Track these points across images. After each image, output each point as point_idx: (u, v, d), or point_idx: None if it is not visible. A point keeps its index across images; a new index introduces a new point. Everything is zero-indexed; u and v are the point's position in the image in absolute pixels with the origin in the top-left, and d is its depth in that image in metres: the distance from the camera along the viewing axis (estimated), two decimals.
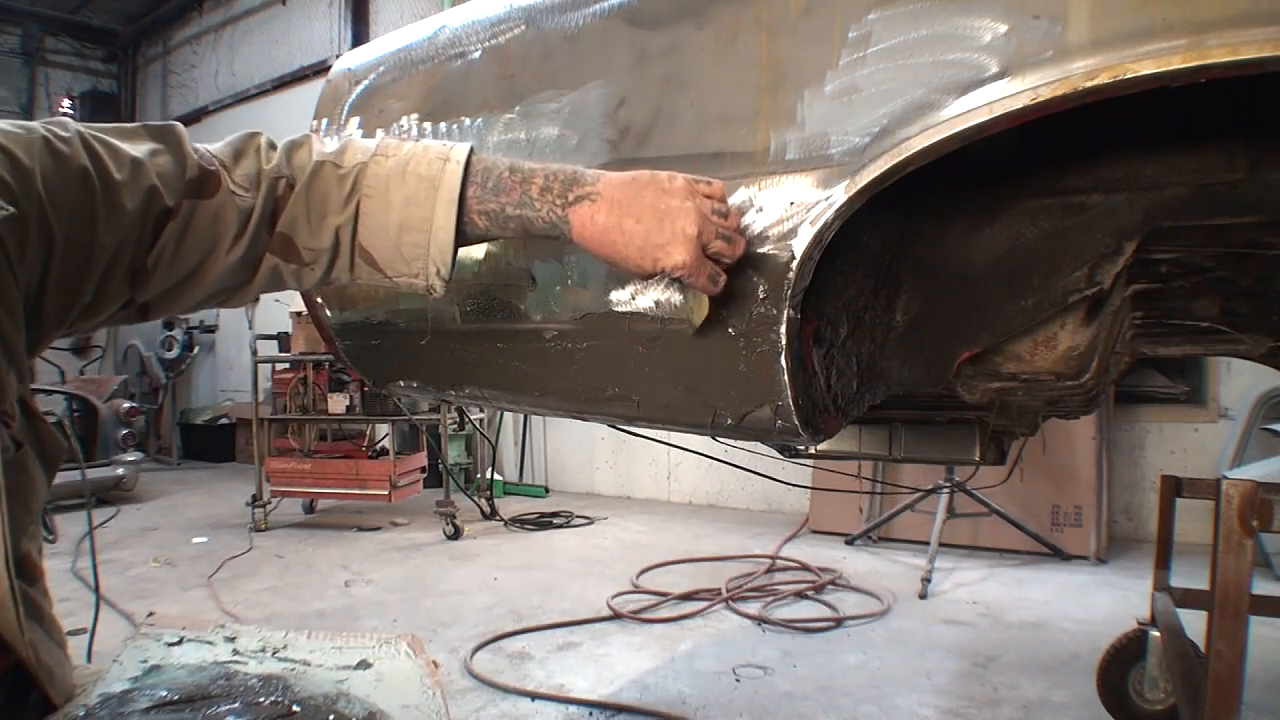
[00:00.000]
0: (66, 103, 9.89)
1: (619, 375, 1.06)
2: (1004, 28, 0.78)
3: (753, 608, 3.27)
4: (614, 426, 1.30)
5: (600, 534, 4.82)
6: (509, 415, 6.24)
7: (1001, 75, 0.77)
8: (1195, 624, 1.82)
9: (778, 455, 1.71)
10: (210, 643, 1.01)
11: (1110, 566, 3.85)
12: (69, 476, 4.08)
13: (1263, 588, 2.20)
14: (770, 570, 3.84)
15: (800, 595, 3.44)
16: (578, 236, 0.89)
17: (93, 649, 2.35)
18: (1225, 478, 1.52)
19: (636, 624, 3.13)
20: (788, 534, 4.52)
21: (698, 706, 2.38)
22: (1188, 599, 2.11)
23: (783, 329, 0.90)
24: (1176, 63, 0.67)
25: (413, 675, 0.96)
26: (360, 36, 7.62)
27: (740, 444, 1.54)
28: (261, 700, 0.87)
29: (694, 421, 1.02)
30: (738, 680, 2.57)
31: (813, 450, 1.64)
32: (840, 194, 0.86)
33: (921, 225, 1.09)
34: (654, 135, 1.01)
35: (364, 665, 0.97)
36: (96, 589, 2.50)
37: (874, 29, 0.86)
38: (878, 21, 0.86)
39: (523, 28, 1.15)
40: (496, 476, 5.79)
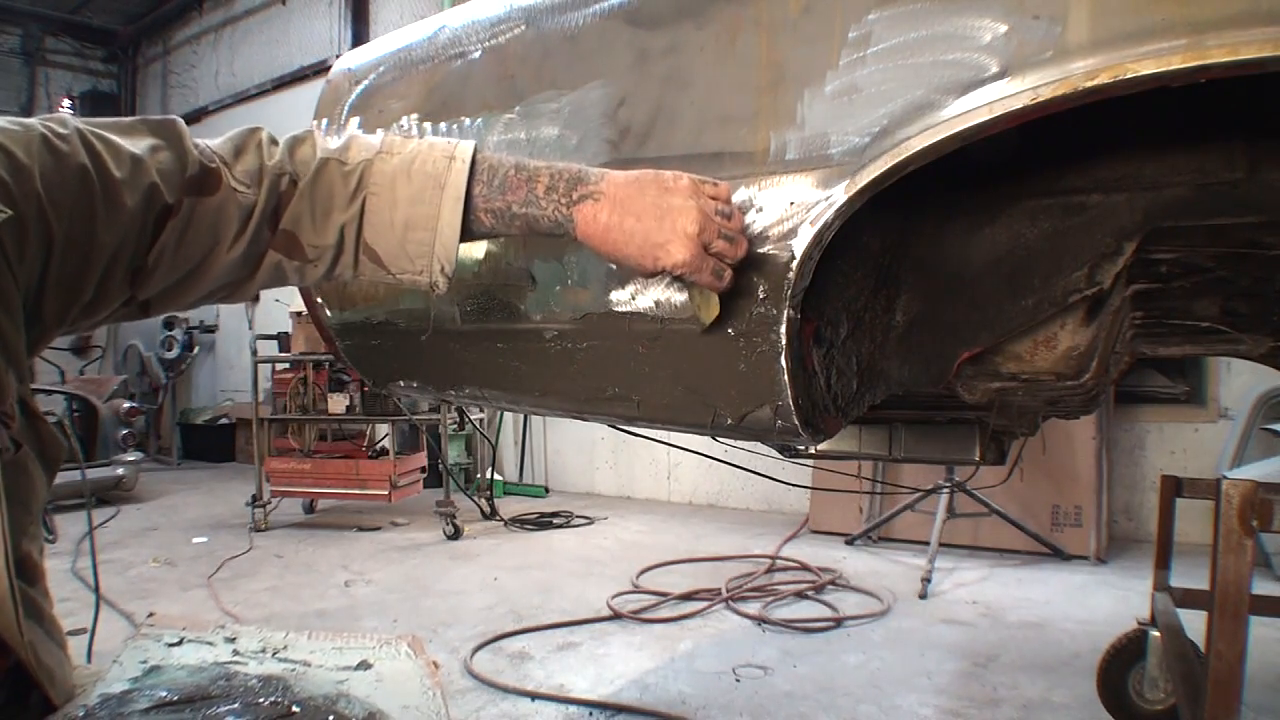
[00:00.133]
0: (66, 103, 9.89)
1: (619, 375, 1.06)
2: (1004, 28, 0.78)
3: (753, 608, 3.27)
4: (614, 426, 1.30)
5: (600, 534, 4.82)
6: (509, 415, 6.24)
7: (1001, 75, 0.77)
8: (1195, 624, 1.82)
9: (778, 455, 1.71)
10: (210, 643, 1.01)
11: (1110, 566, 3.85)
12: (69, 476, 4.08)
13: (1263, 588, 2.20)
14: (770, 570, 3.83)
15: (800, 595, 3.44)
16: (581, 235, 0.90)
17: (93, 649, 2.35)
18: (1225, 478, 1.52)
19: (636, 624, 3.13)
20: (788, 534, 4.52)
21: (698, 706, 2.38)
22: (1188, 599, 2.11)
23: (783, 329, 0.90)
24: (1176, 63, 0.68)
25: (413, 676, 0.96)
26: (360, 36, 7.62)
27: (740, 444, 1.54)
28: (261, 701, 0.87)
29: (694, 421, 1.02)
30: (738, 680, 2.57)
31: (813, 450, 1.64)
32: (840, 194, 0.86)
33: (921, 225, 1.09)
34: (654, 135, 1.01)
35: (364, 666, 0.97)
36: (96, 589, 2.50)
37: (874, 29, 0.86)
38: (878, 21, 0.86)
39: (523, 28, 1.15)
40: (496, 476, 5.79)
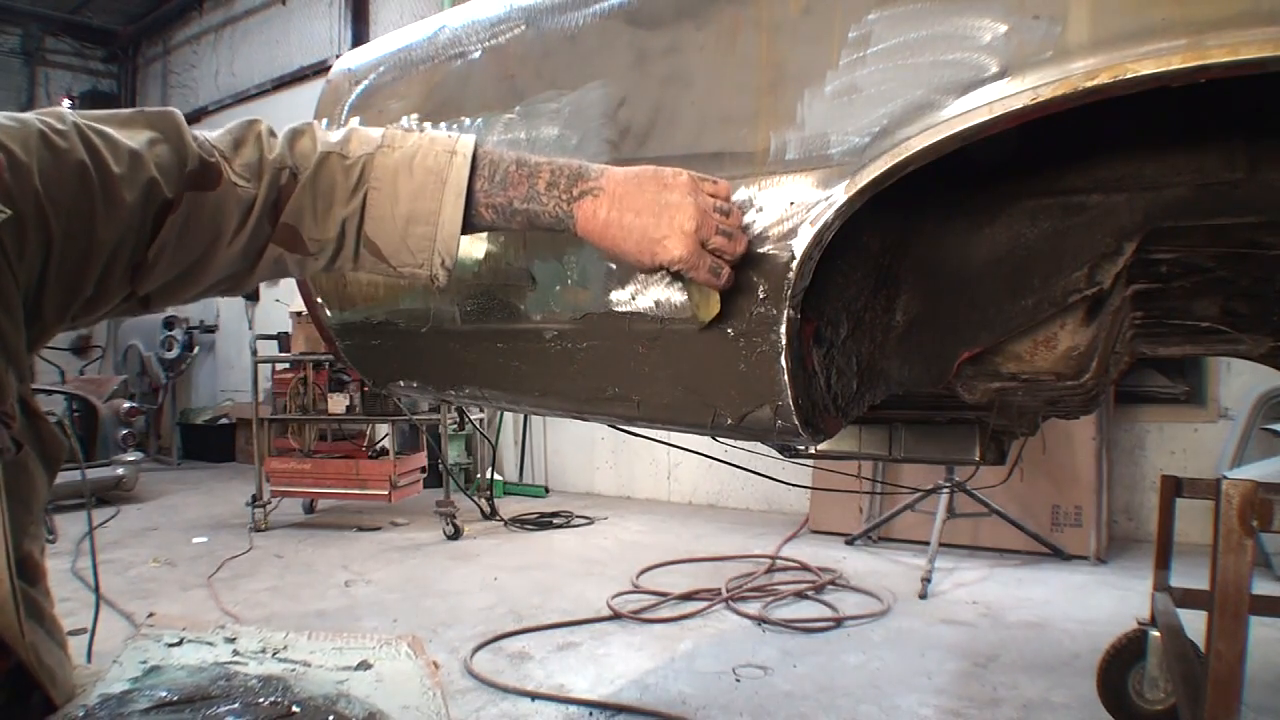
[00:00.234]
0: (66, 103, 9.88)
1: (619, 375, 1.06)
2: (1004, 28, 0.78)
3: (753, 608, 3.27)
4: (614, 426, 1.30)
5: (600, 534, 4.82)
6: (509, 415, 6.24)
7: (1001, 75, 0.77)
8: (1195, 624, 1.82)
9: (778, 455, 1.71)
10: (210, 643, 1.01)
11: (1110, 566, 3.85)
12: (69, 476, 4.08)
13: (1263, 588, 2.20)
14: (770, 570, 3.83)
15: (800, 595, 3.44)
16: (581, 230, 0.90)
17: (93, 649, 2.35)
18: (1225, 478, 1.52)
19: (636, 624, 3.13)
20: (788, 534, 4.52)
21: (698, 706, 2.38)
22: (1188, 599, 2.11)
23: (783, 329, 0.90)
24: (1176, 63, 0.68)
25: (413, 676, 0.96)
26: (360, 36, 7.62)
27: (740, 444, 1.54)
28: (261, 701, 0.87)
29: (694, 421, 1.02)
30: (738, 680, 2.57)
31: (813, 450, 1.64)
32: (840, 194, 0.86)
33: (921, 225, 1.09)
34: (654, 135, 1.01)
35: (364, 666, 0.97)
36: (96, 589, 2.50)
37: (874, 29, 0.86)
38: (878, 21, 0.86)
39: (523, 28, 1.15)
40: (496, 476, 5.79)
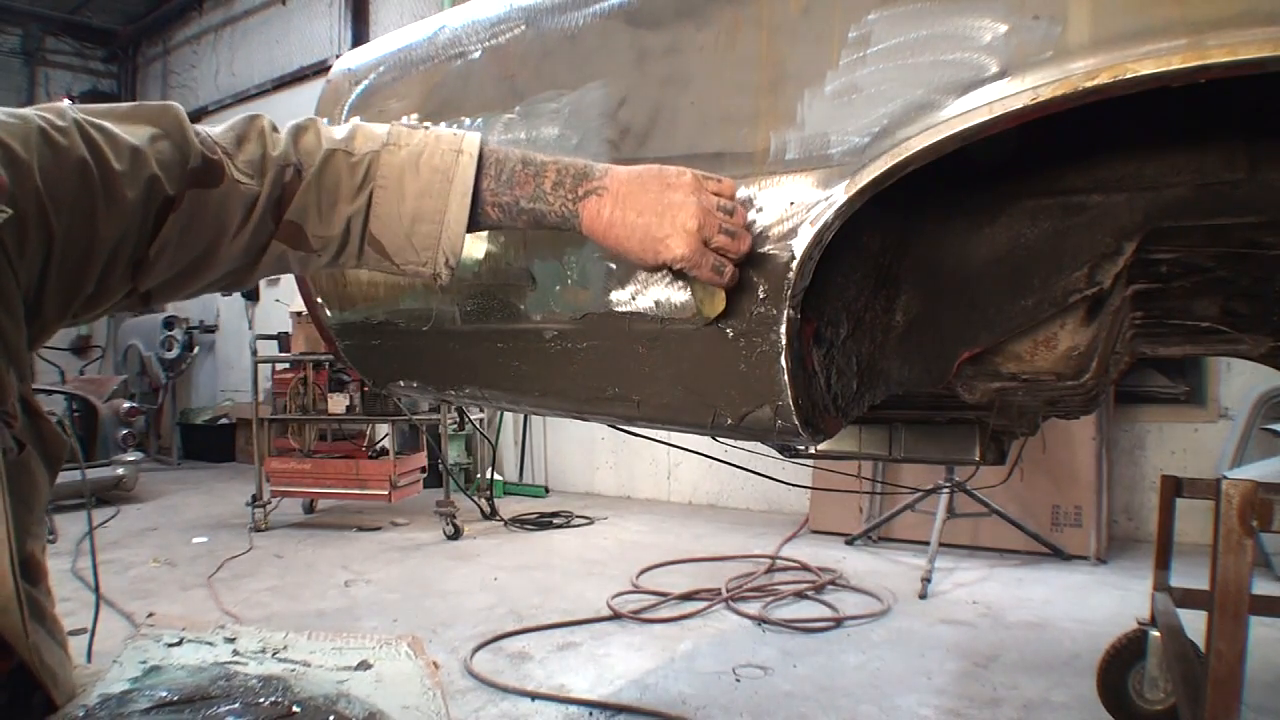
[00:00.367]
0: (66, 103, 9.87)
1: (619, 375, 1.06)
2: (1004, 28, 0.78)
3: (753, 608, 3.27)
4: (614, 426, 1.30)
5: (600, 534, 4.82)
6: (509, 415, 6.24)
7: (1001, 75, 0.77)
8: (1195, 624, 1.82)
9: (778, 455, 1.71)
10: (210, 643, 1.01)
11: (1110, 566, 3.85)
12: (69, 476, 4.08)
13: (1263, 588, 2.20)
14: (770, 570, 3.83)
15: (800, 595, 3.44)
16: (586, 230, 0.90)
17: (93, 649, 2.35)
18: (1225, 478, 1.52)
19: (636, 624, 3.13)
20: (788, 534, 4.51)
21: (698, 706, 2.38)
22: (1188, 599, 2.11)
23: (783, 329, 0.90)
24: (1176, 63, 0.68)
25: (413, 676, 0.96)
26: (360, 36, 7.62)
27: (740, 444, 1.54)
28: (261, 701, 0.87)
29: (694, 421, 1.02)
30: (738, 680, 2.57)
31: (813, 450, 1.64)
32: (840, 194, 0.86)
33: (921, 225, 1.09)
34: (654, 135, 1.01)
35: (364, 666, 0.97)
36: (96, 589, 2.50)
37: (874, 29, 0.86)
38: (878, 21, 0.86)
39: (523, 28, 1.15)
40: (496, 476, 5.79)
